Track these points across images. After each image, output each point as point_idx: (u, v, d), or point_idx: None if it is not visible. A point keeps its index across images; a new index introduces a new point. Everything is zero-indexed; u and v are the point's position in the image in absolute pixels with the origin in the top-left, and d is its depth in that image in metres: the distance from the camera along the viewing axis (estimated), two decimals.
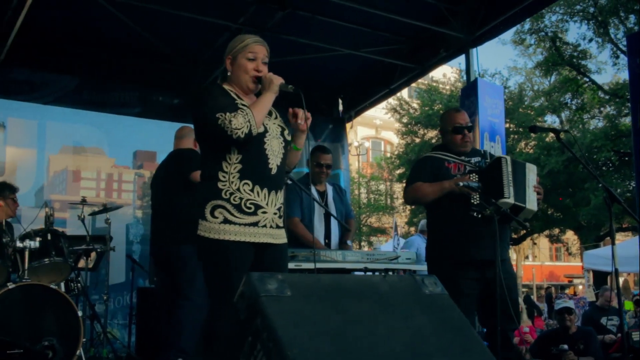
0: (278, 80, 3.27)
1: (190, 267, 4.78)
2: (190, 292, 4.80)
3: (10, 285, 4.61)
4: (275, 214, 3.26)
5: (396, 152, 28.83)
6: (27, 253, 4.90)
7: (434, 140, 25.91)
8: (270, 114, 3.38)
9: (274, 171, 3.26)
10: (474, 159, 4.40)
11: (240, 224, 3.13)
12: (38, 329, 4.63)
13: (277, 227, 3.29)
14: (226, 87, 3.35)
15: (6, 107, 7.24)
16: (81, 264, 6.09)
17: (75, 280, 5.58)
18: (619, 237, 29.48)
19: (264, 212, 3.19)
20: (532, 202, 4.19)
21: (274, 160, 3.27)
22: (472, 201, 4.11)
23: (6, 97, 6.95)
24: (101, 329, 5.76)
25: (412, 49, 8.22)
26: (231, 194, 3.13)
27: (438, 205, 4.31)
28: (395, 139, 32.69)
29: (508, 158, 4.19)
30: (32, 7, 6.01)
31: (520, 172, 4.21)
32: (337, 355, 1.86)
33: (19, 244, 4.92)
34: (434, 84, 26.10)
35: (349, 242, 5.87)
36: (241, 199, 3.14)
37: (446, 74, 26.68)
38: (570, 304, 7.07)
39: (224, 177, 3.16)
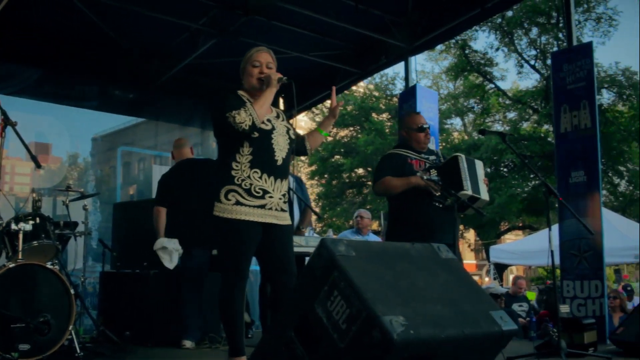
0: (275, 76, 3.84)
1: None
2: None
3: (10, 265, 4.78)
4: (280, 199, 3.85)
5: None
6: (21, 235, 5.04)
7: (345, 141, 26.95)
8: (278, 116, 3.98)
9: (279, 162, 3.84)
10: (431, 157, 5.03)
11: (249, 206, 3.70)
12: (35, 306, 4.81)
13: (282, 210, 3.88)
14: (240, 92, 3.93)
15: None
16: None
17: (53, 262, 5.76)
18: (513, 236, 31.33)
19: (271, 197, 3.77)
20: (485, 193, 4.85)
21: (280, 153, 3.85)
22: (435, 193, 4.75)
23: None
24: (81, 307, 6.04)
25: (356, 54, 8.81)
26: (242, 180, 3.71)
27: (404, 197, 4.83)
28: None
29: (463, 156, 4.82)
30: None
31: (473, 168, 4.84)
32: (398, 298, 2.48)
33: (13, 227, 5.12)
34: None
35: (303, 228, 6.48)
36: (251, 184, 3.71)
37: None
38: (495, 289, 7.89)
39: (237, 166, 3.73)
